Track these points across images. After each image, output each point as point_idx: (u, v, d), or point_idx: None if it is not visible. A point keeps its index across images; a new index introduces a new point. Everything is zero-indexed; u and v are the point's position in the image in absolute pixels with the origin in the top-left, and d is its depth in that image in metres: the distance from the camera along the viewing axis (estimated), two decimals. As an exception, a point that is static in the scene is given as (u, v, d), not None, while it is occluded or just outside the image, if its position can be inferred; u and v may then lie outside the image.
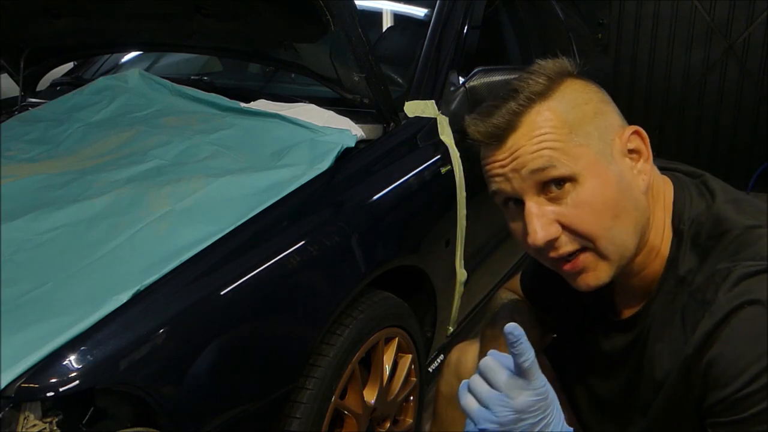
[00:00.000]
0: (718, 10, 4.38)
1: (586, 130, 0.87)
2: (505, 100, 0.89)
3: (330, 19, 1.57)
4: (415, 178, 1.70)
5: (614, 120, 0.91)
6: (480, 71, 1.91)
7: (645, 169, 0.90)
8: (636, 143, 0.91)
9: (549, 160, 0.85)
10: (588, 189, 0.86)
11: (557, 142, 0.86)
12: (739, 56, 4.41)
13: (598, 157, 0.87)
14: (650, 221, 0.91)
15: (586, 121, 0.88)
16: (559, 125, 0.86)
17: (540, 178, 0.86)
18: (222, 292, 1.19)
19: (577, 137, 0.86)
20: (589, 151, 0.86)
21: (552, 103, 0.88)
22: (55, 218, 1.35)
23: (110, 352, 1.03)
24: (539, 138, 0.86)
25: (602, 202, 0.86)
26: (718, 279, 0.82)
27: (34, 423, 0.98)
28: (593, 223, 0.86)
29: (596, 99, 0.91)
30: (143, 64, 2.45)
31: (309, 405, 1.32)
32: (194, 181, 1.45)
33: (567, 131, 0.86)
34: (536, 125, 0.87)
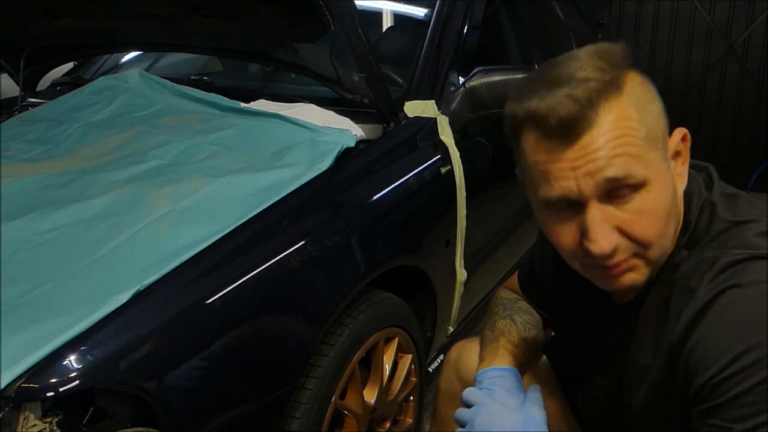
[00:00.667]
0: (718, 10, 4.38)
1: (655, 133, 0.82)
2: (575, 85, 0.78)
3: (330, 19, 1.57)
4: (415, 178, 1.70)
5: (665, 119, 0.85)
6: (480, 71, 1.91)
7: (683, 173, 0.88)
8: (681, 147, 0.88)
9: (627, 167, 0.79)
10: (654, 196, 0.81)
11: (635, 147, 0.79)
12: (739, 56, 4.41)
13: (662, 162, 0.82)
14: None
15: (655, 124, 0.82)
16: (637, 127, 0.79)
17: (614, 185, 0.79)
18: (222, 292, 1.19)
19: (650, 141, 0.81)
20: (657, 156, 0.81)
21: (626, 99, 0.80)
22: (55, 218, 1.35)
23: (110, 352, 1.03)
24: (619, 141, 0.79)
25: (663, 209, 0.82)
26: (704, 267, 0.81)
27: (34, 423, 0.98)
28: (652, 230, 0.82)
29: (656, 97, 0.84)
30: (143, 64, 2.45)
31: (309, 405, 1.32)
32: (194, 181, 1.45)
33: (643, 134, 0.80)
34: (615, 125, 0.79)
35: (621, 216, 0.81)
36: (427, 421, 1.89)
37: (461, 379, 1.28)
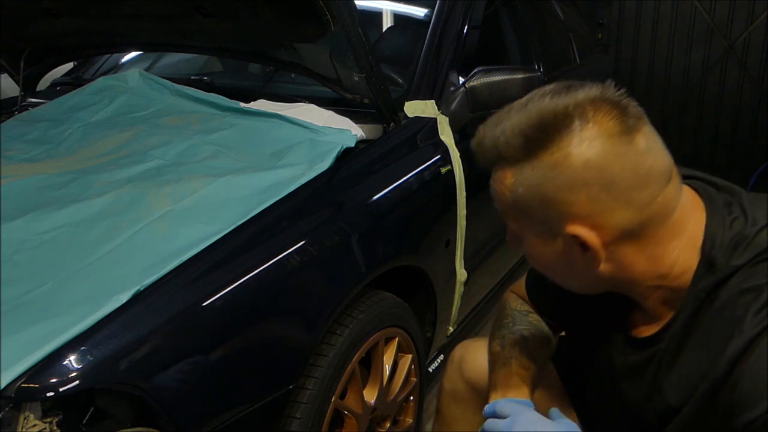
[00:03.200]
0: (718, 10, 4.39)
1: (528, 209, 0.87)
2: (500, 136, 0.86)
3: (330, 19, 1.57)
4: (415, 178, 1.70)
5: (569, 210, 0.84)
6: (480, 71, 1.91)
7: (595, 258, 0.87)
8: (581, 242, 0.87)
9: (501, 213, 0.92)
10: (527, 248, 0.93)
11: (503, 205, 0.90)
12: (739, 56, 4.41)
13: (537, 233, 0.89)
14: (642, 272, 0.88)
15: (531, 204, 0.86)
16: (509, 195, 0.87)
17: None
18: (222, 293, 1.19)
19: (520, 212, 0.88)
20: (530, 225, 0.89)
21: (512, 172, 0.86)
22: (55, 218, 1.35)
23: (110, 352, 1.03)
24: (494, 193, 0.91)
25: (538, 262, 0.93)
26: (749, 298, 0.80)
27: (34, 423, 0.98)
28: (534, 267, 0.96)
29: (553, 185, 0.83)
30: (143, 64, 2.45)
31: (309, 405, 1.32)
32: (194, 181, 1.45)
33: (512, 203, 0.88)
34: (495, 182, 0.90)
35: None
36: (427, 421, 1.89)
37: (465, 379, 1.28)
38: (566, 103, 0.83)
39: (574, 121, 0.81)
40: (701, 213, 0.88)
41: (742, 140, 4.53)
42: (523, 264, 2.61)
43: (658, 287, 0.89)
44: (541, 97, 0.85)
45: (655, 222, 0.84)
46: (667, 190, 0.84)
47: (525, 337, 1.17)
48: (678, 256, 0.87)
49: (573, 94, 0.84)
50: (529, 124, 0.83)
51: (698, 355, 0.86)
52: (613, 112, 0.82)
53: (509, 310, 1.24)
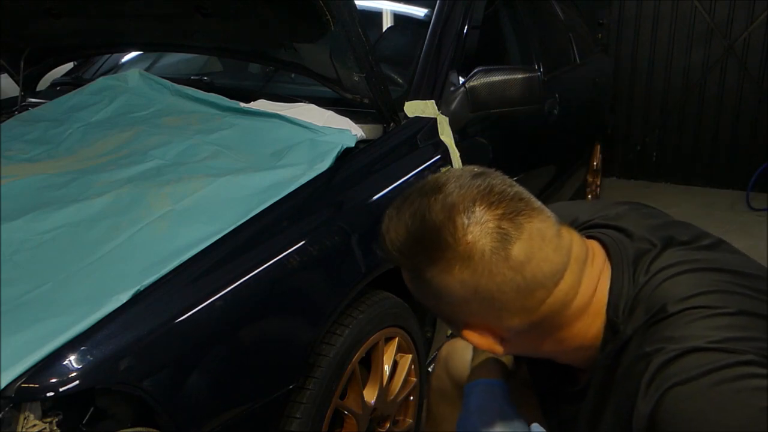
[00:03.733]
0: (718, 10, 4.39)
1: (430, 305, 0.88)
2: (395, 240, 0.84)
3: (330, 19, 1.57)
4: (415, 178, 1.70)
5: (460, 318, 0.86)
6: (480, 71, 1.91)
7: (499, 352, 0.88)
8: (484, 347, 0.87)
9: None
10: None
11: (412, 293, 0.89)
12: (739, 56, 4.41)
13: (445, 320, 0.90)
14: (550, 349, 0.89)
15: (429, 304, 0.87)
16: (410, 288, 0.88)
17: None
18: (222, 293, 1.19)
19: (425, 303, 0.88)
20: (438, 313, 0.89)
21: (407, 274, 0.87)
22: (55, 218, 1.35)
23: (110, 352, 1.03)
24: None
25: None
26: (641, 367, 0.78)
27: (34, 423, 0.98)
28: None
29: (438, 300, 0.85)
30: (143, 64, 2.45)
31: (309, 405, 1.32)
32: (194, 181, 1.45)
33: (415, 295, 0.88)
34: (403, 276, 0.88)
35: None
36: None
37: (451, 377, 1.28)
38: (440, 217, 0.79)
39: (448, 238, 0.78)
40: (604, 285, 0.86)
41: (742, 140, 4.53)
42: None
43: (574, 354, 0.89)
44: (424, 202, 0.81)
45: (551, 317, 0.83)
46: (561, 286, 0.82)
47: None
48: (586, 332, 0.86)
49: (449, 199, 0.80)
50: (408, 241, 0.82)
51: (613, 422, 0.85)
52: (489, 223, 0.78)
53: None
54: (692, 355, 0.74)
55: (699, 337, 0.75)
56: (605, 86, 3.97)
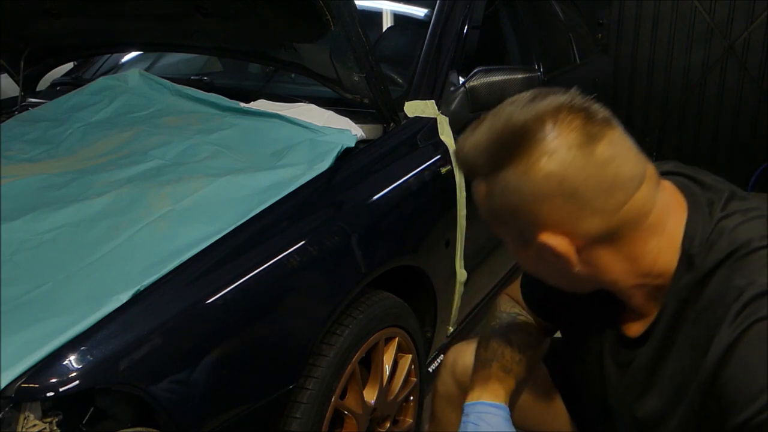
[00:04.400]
0: (718, 10, 4.38)
1: (502, 218, 0.90)
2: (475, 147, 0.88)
3: (330, 19, 1.57)
4: (415, 178, 1.70)
5: (538, 220, 0.86)
6: (480, 71, 1.91)
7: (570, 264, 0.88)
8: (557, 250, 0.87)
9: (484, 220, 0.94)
10: (513, 255, 0.95)
11: (483, 214, 0.93)
12: (739, 56, 4.41)
13: (514, 240, 0.92)
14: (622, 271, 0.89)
15: (504, 214, 0.89)
16: (484, 204, 0.90)
17: None
18: (222, 293, 1.19)
19: (495, 219, 0.91)
20: (506, 232, 0.93)
21: (484, 184, 0.89)
22: (55, 218, 1.35)
23: (110, 352, 1.03)
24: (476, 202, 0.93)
25: (523, 266, 0.97)
26: (729, 299, 0.80)
27: (34, 423, 0.98)
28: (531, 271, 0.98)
29: (519, 198, 0.85)
30: (143, 64, 2.45)
31: (309, 405, 1.32)
32: (194, 181, 1.45)
33: (487, 212, 0.91)
34: (473, 190, 0.92)
35: None
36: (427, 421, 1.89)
37: (458, 383, 1.28)
38: (527, 117, 0.83)
39: (535, 135, 0.82)
40: (683, 211, 0.88)
41: (742, 140, 4.52)
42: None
43: (640, 285, 0.89)
44: (508, 109, 0.86)
45: (629, 225, 0.85)
46: (639, 193, 0.84)
47: (510, 339, 1.17)
48: (658, 255, 0.87)
49: (536, 105, 0.84)
50: (492, 140, 0.85)
51: (684, 356, 0.86)
52: (575, 122, 0.82)
53: (498, 312, 1.24)
54: None
55: None
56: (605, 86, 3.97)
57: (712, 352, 0.80)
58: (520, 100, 0.86)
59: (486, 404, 1.09)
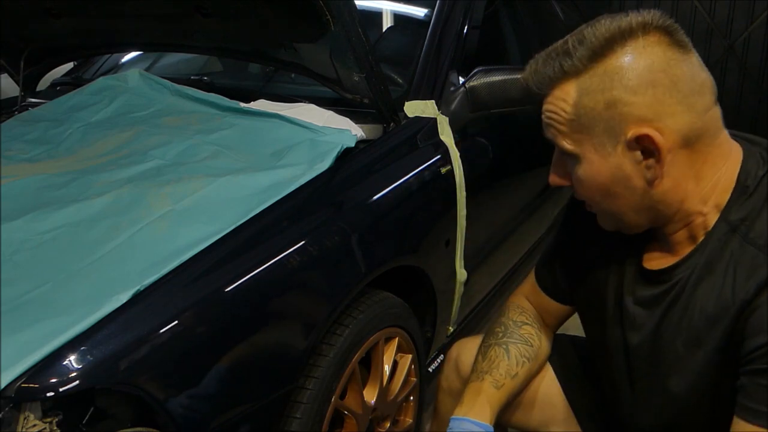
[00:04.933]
0: (718, 10, 4.38)
1: (591, 119, 0.90)
2: (560, 55, 0.92)
3: (330, 19, 1.57)
4: (415, 178, 1.70)
5: (634, 111, 0.88)
6: (480, 71, 1.91)
7: (654, 166, 0.90)
8: (646, 144, 0.90)
9: (554, 136, 0.95)
10: (582, 170, 0.94)
11: (562, 125, 0.93)
12: (739, 56, 4.41)
13: (597, 147, 0.92)
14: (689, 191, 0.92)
15: (595, 112, 0.90)
16: (570, 110, 0.91)
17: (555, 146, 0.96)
18: (222, 293, 1.19)
19: (581, 125, 0.91)
20: (589, 139, 0.92)
21: (574, 84, 0.91)
22: (55, 218, 1.35)
23: (110, 352, 1.03)
24: (550, 115, 0.94)
25: (592, 184, 0.95)
26: None
27: (34, 423, 0.98)
28: (585, 196, 0.98)
29: (620, 87, 0.88)
30: (143, 64, 2.45)
31: (309, 405, 1.32)
32: (194, 181, 1.45)
33: (574, 117, 0.91)
34: (554, 101, 0.93)
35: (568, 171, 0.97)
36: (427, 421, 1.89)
37: (462, 378, 1.28)
38: (628, 20, 0.89)
39: (638, 33, 0.88)
40: (738, 152, 0.94)
41: (742, 140, 4.52)
42: (523, 263, 2.61)
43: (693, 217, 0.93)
44: (597, 22, 0.91)
45: (709, 134, 0.91)
46: (716, 107, 0.92)
47: (509, 350, 1.17)
48: (719, 179, 0.92)
49: (632, 15, 0.90)
50: (592, 38, 0.89)
51: (727, 281, 0.89)
52: (669, 30, 0.90)
53: (504, 319, 1.25)
54: None
55: None
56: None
57: (759, 273, 0.85)
58: (606, 17, 0.92)
59: (471, 422, 1.09)
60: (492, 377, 1.15)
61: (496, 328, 1.23)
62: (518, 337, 1.20)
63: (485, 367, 1.16)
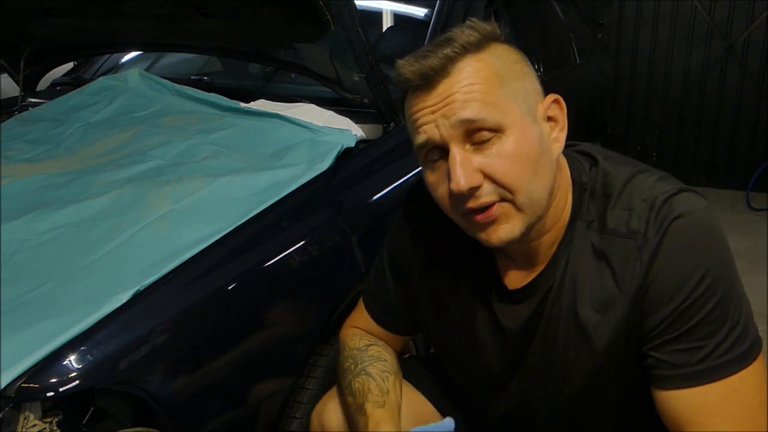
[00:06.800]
0: (718, 10, 4.39)
1: (514, 87, 0.89)
2: (439, 46, 0.89)
3: (330, 19, 1.57)
4: (415, 178, 1.70)
5: (536, 86, 0.93)
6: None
7: (560, 138, 0.94)
8: (555, 111, 0.94)
9: (479, 110, 0.86)
10: (513, 142, 0.88)
11: (488, 95, 0.87)
12: (739, 56, 4.41)
13: (523, 115, 0.89)
14: (556, 186, 0.94)
15: (515, 79, 0.90)
16: (491, 78, 0.88)
17: (469, 127, 0.87)
18: (221, 293, 1.19)
19: (506, 93, 0.88)
20: (516, 108, 0.89)
21: (485, 56, 0.89)
22: (55, 218, 1.35)
23: (110, 352, 1.03)
24: (471, 87, 0.87)
25: (525, 156, 0.88)
26: (640, 210, 0.88)
27: (34, 423, 0.98)
28: (515, 175, 0.88)
29: (523, 62, 0.92)
30: (143, 64, 2.45)
31: (309, 405, 1.32)
32: (194, 181, 1.45)
33: (498, 84, 0.88)
34: (469, 74, 0.88)
35: (482, 159, 0.88)
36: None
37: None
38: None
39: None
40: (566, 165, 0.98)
41: (742, 140, 4.52)
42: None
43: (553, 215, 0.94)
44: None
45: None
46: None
47: (370, 372, 1.08)
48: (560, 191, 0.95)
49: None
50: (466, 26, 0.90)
51: (600, 276, 0.91)
52: None
53: (348, 351, 1.14)
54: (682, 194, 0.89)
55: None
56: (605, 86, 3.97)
57: (643, 254, 0.86)
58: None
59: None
60: (370, 403, 1.04)
61: (345, 364, 1.12)
62: (369, 358, 1.12)
63: (360, 400, 1.05)
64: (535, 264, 0.97)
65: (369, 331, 1.18)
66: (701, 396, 0.85)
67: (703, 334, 0.84)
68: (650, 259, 0.86)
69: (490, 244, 0.91)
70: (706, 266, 0.84)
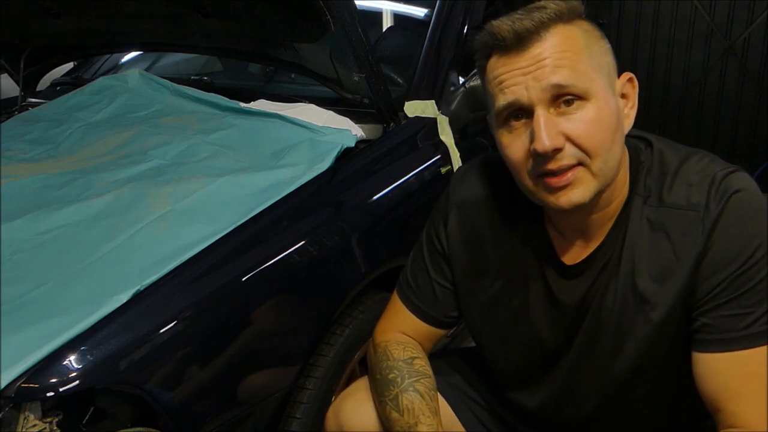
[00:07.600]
0: (718, 10, 4.38)
1: (599, 60, 0.94)
2: (532, 11, 0.93)
3: (330, 19, 1.57)
4: (415, 178, 1.70)
5: (614, 63, 0.98)
6: (480, 71, 1.91)
7: (630, 115, 1.00)
8: (628, 89, 1.00)
9: (569, 76, 0.90)
10: (596, 110, 0.91)
11: (577, 63, 0.91)
12: (739, 56, 4.41)
13: (605, 86, 0.94)
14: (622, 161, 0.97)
15: (600, 53, 0.94)
16: (580, 47, 0.92)
17: (558, 92, 0.90)
18: (221, 293, 1.19)
19: (592, 63, 0.92)
20: (599, 79, 0.93)
21: (574, 27, 0.93)
22: (55, 218, 1.35)
23: (110, 352, 1.03)
24: (562, 54, 0.90)
25: (606, 124, 0.92)
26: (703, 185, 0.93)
27: (34, 423, 0.98)
28: (597, 140, 0.91)
29: (605, 40, 0.97)
30: (143, 64, 2.45)
31: (309, 405, 1.32)
32: (194, 181, 1.45)
33: (587, 55, 0.92)
34: (561, 41, 0.91)
35: (567, 124, 0.91)
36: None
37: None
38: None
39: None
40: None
41: (742, 140, 4.52)
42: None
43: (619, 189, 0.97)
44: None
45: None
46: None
47: (419, 390, 1.06)
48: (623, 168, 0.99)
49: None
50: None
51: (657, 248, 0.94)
52: None
53: (392, 361, 1.10)
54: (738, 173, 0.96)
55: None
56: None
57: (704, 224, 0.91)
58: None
59: None
60: (424, 425, 1.03)
61: (390, 375, 1.09)
62: (416, 373, 1.09)
63: (411, 420, 1.04)
64: (590, 239, 0.99)
65: (408, 331, 1.16)
66: (741, 359, 0.89)
67: (753, 302, 0.89)
68: (711, 228, 0.90)
69: (559, 206, 0.93)
70: (762, 237, 0.89)
